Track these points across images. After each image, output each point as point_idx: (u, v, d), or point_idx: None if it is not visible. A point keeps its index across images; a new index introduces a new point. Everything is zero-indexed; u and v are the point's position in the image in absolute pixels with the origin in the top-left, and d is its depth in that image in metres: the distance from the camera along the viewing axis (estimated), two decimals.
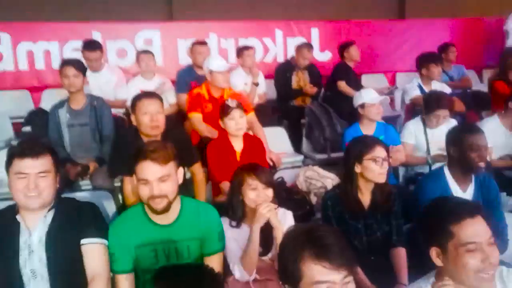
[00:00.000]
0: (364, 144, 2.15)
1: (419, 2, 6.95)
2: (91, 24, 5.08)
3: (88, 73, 3.63)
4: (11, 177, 1.68)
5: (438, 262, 1.40)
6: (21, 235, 1.70)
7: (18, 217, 1.71)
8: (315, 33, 5.70)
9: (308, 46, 4.51)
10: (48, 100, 4.73)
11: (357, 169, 2.12)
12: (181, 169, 1.84)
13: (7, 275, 1.68)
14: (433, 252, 1.40)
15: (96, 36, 4.91)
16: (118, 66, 4.72)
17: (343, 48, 4.68)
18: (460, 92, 4.43)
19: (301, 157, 3.80)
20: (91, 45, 4.05)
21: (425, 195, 2.34)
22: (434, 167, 3.15)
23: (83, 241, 1.75)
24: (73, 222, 1.76)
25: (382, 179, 2.10)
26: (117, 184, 3.17)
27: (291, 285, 1.21)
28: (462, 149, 2.25)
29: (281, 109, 4.55)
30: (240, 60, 4.33)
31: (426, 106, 3.21)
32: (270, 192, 1.98)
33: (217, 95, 3.44)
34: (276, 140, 3.75)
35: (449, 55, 4.81)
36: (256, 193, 1.95)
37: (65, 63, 3.17)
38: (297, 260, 1.18)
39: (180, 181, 1.83)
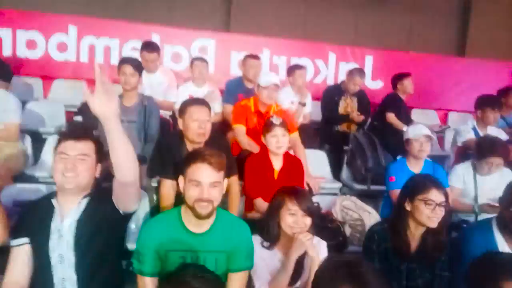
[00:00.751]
0: (420, 183, 2.07)
1: (482, 41, 6.69)
2: (152, 26, 5.26)
3: (143, 73, 3.75)
4: (55, 158, 1.76)
5: None
6: (54, 219, 1.75)
7: (53, 201, 1.77)
8: (369, 60, 5.60)
9: (360, 72, 4.43)
10: None
11: (408, 207, 2.05)
12: (226, 180, 1.85)
13: (36, 257, 1.73)
14: None
15: (155, 38, 5.08)
16: (171, 70, 4.85)
17: (397, 79, 4.56)
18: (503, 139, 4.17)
19: (339, 185, 3.71)
20: (150, 47, 4.19)
21: (469, 247, 2.21)
22: (480, 217, 2.98)
23: None
24: (107, 212, 1.79)
25: (432, 223, 2.00)
26: (154, 184, 3.24)
27: None
28: (507, 207, 2.13)
29: (324, 132, 4.48)
30: (291, 78, 4.32)
31: (478, 151, 3.05)
32: (308, 220, 1.92)
33: (264, 110, 3.45)
34: (316, 164, 3.68)
35: (509, 100, 4.56)
36: (294, 219, 1.91)
37: (124, 61, 3.29)
38: None
39: (224, 191, 1.83)
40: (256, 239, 2.00)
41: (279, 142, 2.76)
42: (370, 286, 1.13)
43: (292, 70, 4.35)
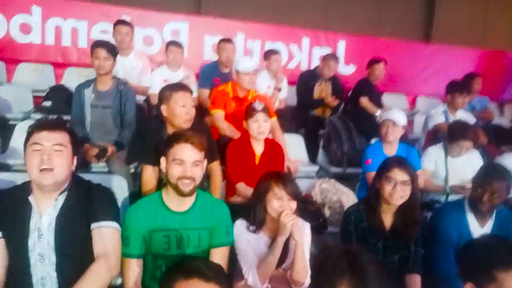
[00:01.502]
0: (386, 163, 2.19)
1: (446, 27, 6.91)
2: (122, 8, 5.09)
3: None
4: (28, 151, 1.66)
5: None
6: (32, 217, 1.67)
7: (30, 198, 1.69)
8: (341, 45, 5.69)
9: (335, 57, 4.49)
10: (70, 78, 4.78)
11: (378, 185, 2.14)
12: (205, 161, 1.93)
13: (15, 256, 1.66)
14: (468, 287, 1.41)
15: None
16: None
17: (370, 64, 4.65)
18: (482, 124, 4.39)
19: (316, 168, 3.78)
20: (123, 22, 4.08)
21: (443, 225, 2.34)
22: (451, 197, 3.14)
23: (93, 225, 1.73)
24: (84, 206, 1.74)
25: (393, 200, 2.10)
26: (132, 171, 3.19)
27: None
28: (478, 188, 2.27)
29: (300, 117, 4.53)
30: (267, 63, 4.33)
31: (450, 135, 3.18)
32: (294, 204, 1.96)
33: (242, 95, 3.44)
34: (293, 148, 3.72)
35: (474, 86, 4.77)
36: (280, 203, 1.94)
37: (98, 44, 3.17)
38: (333, 285, 1.16)
39: (203, 171, 1.90)
40: (242, 224, 2.02)
41: (261, 127, 2.77)
42: (370, 283, 1.14)
43: (268, 55, 4.36)
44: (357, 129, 4.02)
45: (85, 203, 1.74)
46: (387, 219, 2.19)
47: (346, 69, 5.68)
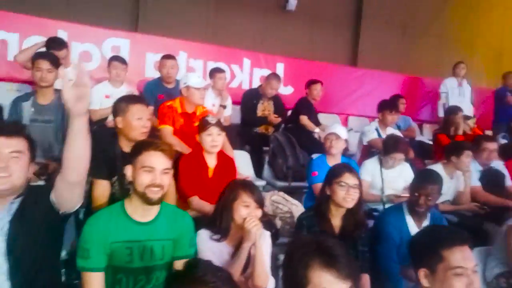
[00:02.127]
0: (335, 169, 2.38)
1: (370, 54, 7.55)
2: (57, 22, 4.89)
3: None
4: None
5: (425, 282, 1.54)
6: None
7: None
8: (280, 67, 5.96)
9: (277, 77, 4.72)
10: None
11: (328, 191, 2.29)
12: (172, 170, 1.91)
13: None
14: (421, 273, 1.54)
15: (62, 35, 4.72)
16: None
17: (309, 85, 4.95)
18: (407, 141, 4.85)
19: (263, 183, 3.89)
20: (57, 43, 3.92)
21: (385, 227, 2.56)
22: (387, 205, 3.41)
23: None
24: (40, 210, 1.66)
25: (347, 203, 2.28)
26: None
27: None
28: (414, 192, 2.54)
29: (244, 134, 4.65)
30: (212, 81, 4.41)
31: (385, 148, 3.49)
32: (259, 213, 2.03)
33: (190, 110, 3.48)
34: (239, 163, 3.79)
35: (399, 106, 5.27)
36: (248, 211, 1.99)
37: (40, 56, 3.05)
38: (305, 267, 1.24)
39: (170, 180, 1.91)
40: (205, 233, 2.04)
41: (214, 141, 2.82)
42: (339, 258, 1.24)
43: (213, 73, 4.45)
44: (299, 144, 4.23)
45: (39, 209, 1.66)
46: (336, 223, 2.36)
47: (285, 90, 5.95)
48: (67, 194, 1.66)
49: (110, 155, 2.45)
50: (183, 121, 3.48)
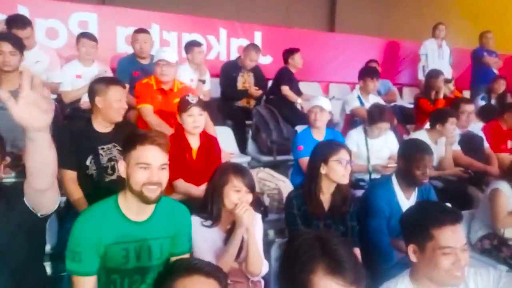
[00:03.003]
0: (331, 147, 2.30)
1: (348, 19, 7.42)
2: None
3: None
4: None
5: (413, 258, 1.55)
6: None
7: None
8: (258, 36, 5.77)
9: (256, 48, 4.56)
10: None
11: (323, 170, 2.24)
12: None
13: None
14: (411, 249, 1.55)
15: (23, 11, 4.39)
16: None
17: (288, 54, 4.81)
18: (391, 109, 4.83)
19: (247, 159, 3.82)
20: (19, 22, 3.61)
21: (374, 200, 2.55)
22: (373, 175, 3.41)
23: None
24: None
25: (345, 180, 2.25)
26: None
27: None
28: (410, 165, 2.46)
29: (225, 109, 4.52)
30: (189, 55, 4.23)
31: (369, 118, 3.45)
32: (250, 197, 1.96)
33: (167, 87, 3.33)
34: (222, 140, 3.68)
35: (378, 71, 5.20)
36: (239, 196, 1.93)
37: (1, 37, 2.80)
38: (309, 272, 1.16)
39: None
40: (196, 220, 1.97)
41: (196, 121, 2.70)
42: (345, 264, 1.16)
43: (190, 47, 4.26)
44: (282, 117, 4.15)
45: (20, 211, 1.57)
46: (326, 200, 2.33)
47: (264, 60, 5.79)
48: (39, 200, 1.55)
49: (84, 137, 2.40)
50: (161, 99, 3.34)
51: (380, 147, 3.49)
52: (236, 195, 1.93)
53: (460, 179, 3.55)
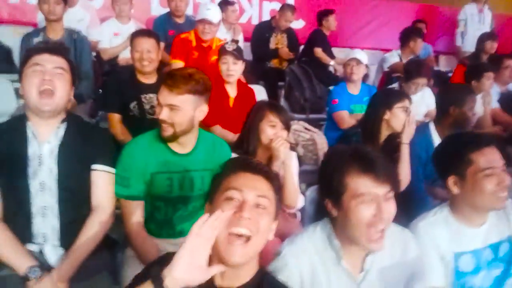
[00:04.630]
0: (396, 94, 2.34)
1: None
2: None
3: None
4: (27, 73, 1.55)
5: (455, 190, 1.51)
6: (30, 145, 1.56)
7: (28, 124, 1.57)
8: (290, 0, 5.67)
9: (292, 8, 4.52)
10: (1, 37, 4.30)
11: (386, 116, 2.24)
12: (204, 106, 1.76)
13: (13, 186, 1.55)
14: (451, 181, 1.51)
15: None
16: None
17: (322, 16, 4.74)
18: (429, 65, 4.67)
19: None
20: None
21: (412, 147, 2.51)
22: None
23: (94, 166, 1.65)
24: (86, 141, 1.65)
25: (401, 127, 2.25)
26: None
27: (333, 199, 1.25)
28: (463, 108, 2.44)
29: (257, 69, 4.52)
30: (223, 15, 4.21)
31: (407, 73, 3.37)
32: (286, 133, 2.00)
33: (206, 44, 3.36)
34: (257, 98, 3.74)
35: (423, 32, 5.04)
36: (274, 131, 1.96)
37: None
38: (342, 173, 1.21)
39: (200, 118, 1.77)
40: (232, 156, 2.02)
41: (229, 70, 2.73)
42: (376, 162, 1.21)
43: (224, 5, 4.24)
44: (316, 77, 4.13)
45: (84, 139, 1.65)
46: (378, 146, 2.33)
47: (296, 24, 5.70)
48: None
49: (128, 86, 2.59)
50: (198, 55, 3.38)
51: (417, 103, 3.40)
52: (271, 130, 1.96)
53: (499, 138, 3.46)
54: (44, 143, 1.57)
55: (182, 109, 1.68)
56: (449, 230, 1.52)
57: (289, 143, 1.99)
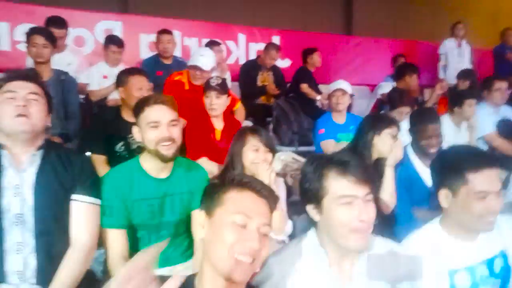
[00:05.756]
0: (385, 119, 2.38)
1: (364, 21, 7.49)
2: (46, 8, 4.79)
3: None
4: None
5: (444, 203, 1.48)
6: (5, 174, 1.49)
7: (3, 153, 1.51)
8: (276, 40, 5.86)
9: (276, 47, 4.67)
10: None
11: (375, 140, 2.28)
12: (181, 120, 1.84)
13: None
14: (443, 193, 1.47)
15: None
16: None
17: (306, 54, 4.90)
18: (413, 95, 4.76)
19: None
20: (57, 22, 3.81)
21: (395, 170, 2.51)
22: None
23: (74, 196, 1.58)
24: (66, 168, 1.59)
25: (388, 152, 2.27)
26: None
27: (315, 203, 1.25)
28: (416, 135, 2.49)
29: (246, 107, 4.58)
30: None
31: (390, 102, 3.45)
32: (270, 156, 1.99)
33: (199, 83, 3.42)
34: None
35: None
36: (257, 155, 1.96)
37: (35, 31, 2.99)
38: (321, 177, 1.23)
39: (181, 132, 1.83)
40: None
41: (212, 104, 2.78)
42: (354, 164, 1.22)
43: (209, 46, 4.37)
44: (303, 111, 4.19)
45: (64, 167, 1.59)
46: None
47: (283, 63, 5.88)
48: None
49: (114, 126, 2.55)
50: (191, 96, 3.42)
51: (402, 132, 3.46)
52: (254, 154, 1.96)
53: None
54: (21, 171, 1.51)
55: (178, 124, 1.78)
56: (442, 245, 1.48)
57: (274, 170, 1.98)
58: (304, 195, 1.30)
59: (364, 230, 1.19)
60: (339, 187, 1.20)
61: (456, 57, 6.01)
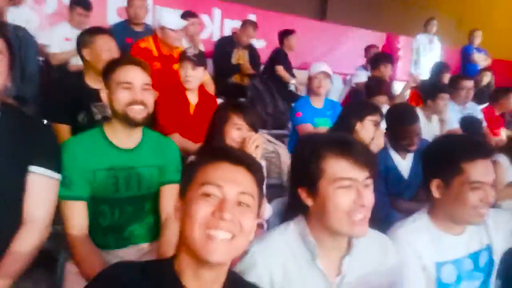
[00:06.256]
0: (369, 106, 2.28)
1: (339, 9, 7.46)
2: None
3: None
4: None
5: (436, 194, 1.42)
6: None
7: None
8: (252, 19, 5.67)
9: (253, 24, 4.50)
10: None
11: (357, 126, 2.19)
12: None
13: None
14: (435, 184, 1.41)
15: None
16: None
17: (283, 35, 4.76)
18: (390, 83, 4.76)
19: None
20: None
21: None
22: None
23: (31, 168, 1.39)
24: (25, 136, 1.39)
25: (369, 140, 2.18)
26: None
27: (308, 186, 1.16)
28: (396, 135, 2.44)
29: (219, 84, 4.40)
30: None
31: (367, 91, 3.40)
32: (254, 135, 1.87)
33: (167, 52, 3.20)
34: None
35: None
36: (240, 134, 1.83)
37: None
38: (319, 157, 1.13)
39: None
40: None
41: (188, 76, 2.61)
42: (355, 145, 1.15)
43: (185, 17, 4.13)
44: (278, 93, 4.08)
45: (22, 135, 1.39)
46: None
47: (257, 44, 5.70)
48: None
49: (76, 93, 2.30)
50: (160, 65, 3.21)
51: None
52: (237, 133, 1.84)
53: None
54: None
55: (151, 89, 1.63)
56: (430, 237, 1.42)
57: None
58: (296, 177, 1.21)
59: (363, 216, 1.12)
60: (337, 168, 1.11)
61: (428, 52, 6.10)
